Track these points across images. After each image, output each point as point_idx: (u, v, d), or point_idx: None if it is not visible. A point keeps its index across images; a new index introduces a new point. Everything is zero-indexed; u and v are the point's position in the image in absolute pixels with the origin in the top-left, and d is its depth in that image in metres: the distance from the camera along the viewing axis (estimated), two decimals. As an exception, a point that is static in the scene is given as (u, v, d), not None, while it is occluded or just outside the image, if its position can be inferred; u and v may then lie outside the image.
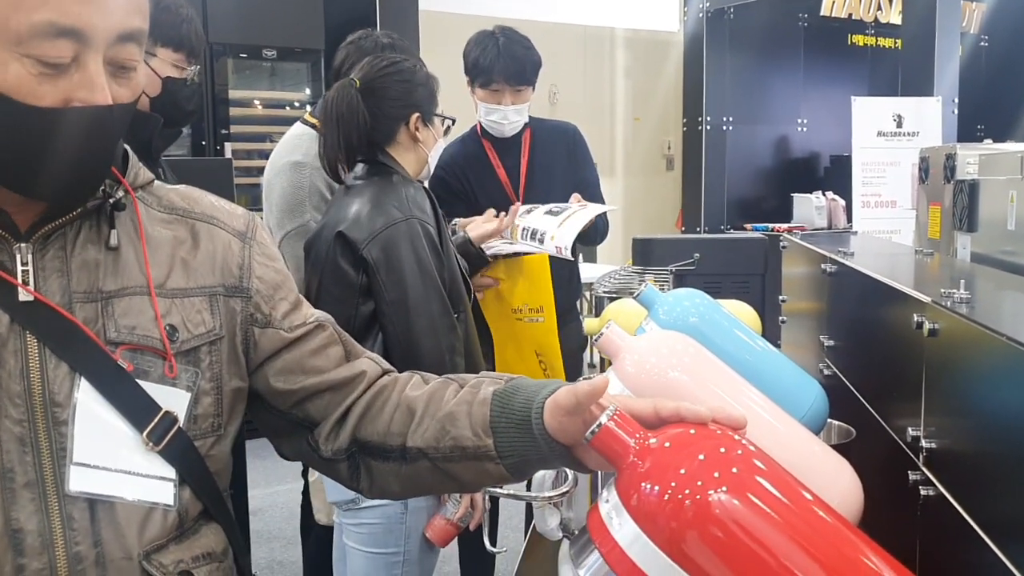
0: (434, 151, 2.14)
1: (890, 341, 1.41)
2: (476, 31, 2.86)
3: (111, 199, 0.98)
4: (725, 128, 7.53)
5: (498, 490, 1.17)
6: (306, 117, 2.60)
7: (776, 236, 2.62)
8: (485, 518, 2.07)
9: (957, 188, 2.96)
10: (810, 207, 6.85)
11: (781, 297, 2.47)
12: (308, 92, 5.76)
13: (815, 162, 7.81)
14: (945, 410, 1.15)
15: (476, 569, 2.96)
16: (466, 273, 2.18)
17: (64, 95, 0.89)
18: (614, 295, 2.16)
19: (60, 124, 0.89)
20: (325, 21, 5.46)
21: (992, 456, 0.99)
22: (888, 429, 1.38)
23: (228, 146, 5.32)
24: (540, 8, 6.55)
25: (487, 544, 1.74)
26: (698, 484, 0.79)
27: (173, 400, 0.98)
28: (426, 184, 2.15)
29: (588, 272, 3.71)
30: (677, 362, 1.20)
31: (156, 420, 0.96)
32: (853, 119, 5.37)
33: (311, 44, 5.49)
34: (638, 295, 1.50)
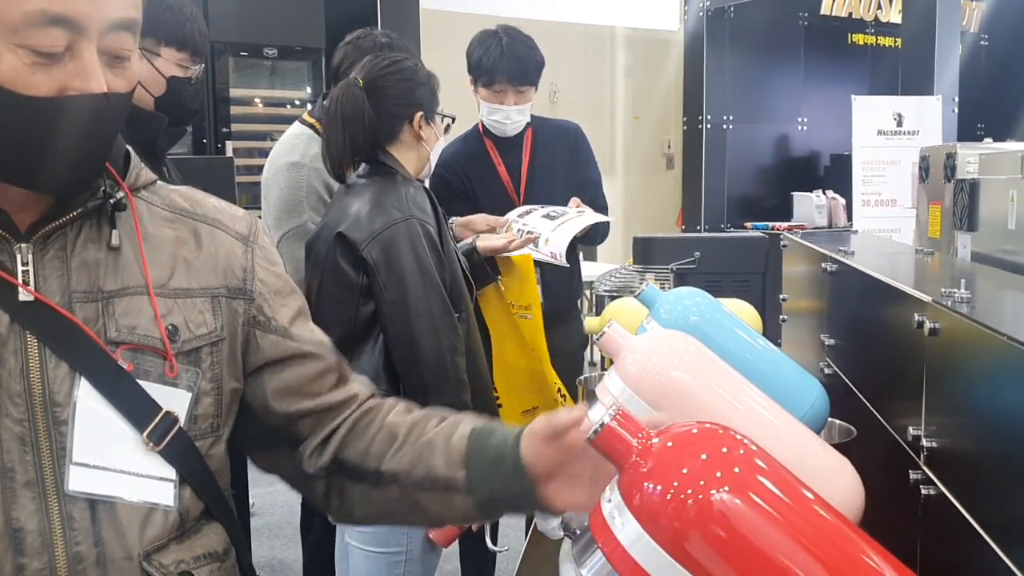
0: (435, 150, 2.14)
1: (891, 340, 1.41)
2: (477, 30, 2.84)
3: (112, 199, 0.98)
4: (725, 127, 7.53)
5: None
6: (304, 117, 2.59)
7: (776, 235, 2.62)
8: (486, 517, 2.07)
9: (957, 187, 2.96)
10: (810, 206, 6.86)
11: (782, 296, 2.46)
12: (309, 91, 5.77)
13: (815, 161, 7.81)
14: (946, 409, 1.15)
15: (477, 568, 2.96)
16: (467, 272, 2.17)
17: (59, 84, 0.88)
18: (615, 294, 2.16)
19: (56, 113, 0.89)
20: (326, 20, 5.47)
21: (993, 455, 0.99)
22: (889, 428, 1.38)
23: (229, 144, 5.33)
24: (540, 7, 6.55)
25: (488, 543, 1.74)
26: (700, 483, 0.79)
27: (174, 400, 0.98)
28: (427, 183, 2.15)
29: (589, 271, 3.71)
30: (678, 361, 1.21)
31: (156, 420, 0.96)
32: (853, 118, 5.38)
33: (312, 43, 5.50)
34: (639, 294, 1.51)
